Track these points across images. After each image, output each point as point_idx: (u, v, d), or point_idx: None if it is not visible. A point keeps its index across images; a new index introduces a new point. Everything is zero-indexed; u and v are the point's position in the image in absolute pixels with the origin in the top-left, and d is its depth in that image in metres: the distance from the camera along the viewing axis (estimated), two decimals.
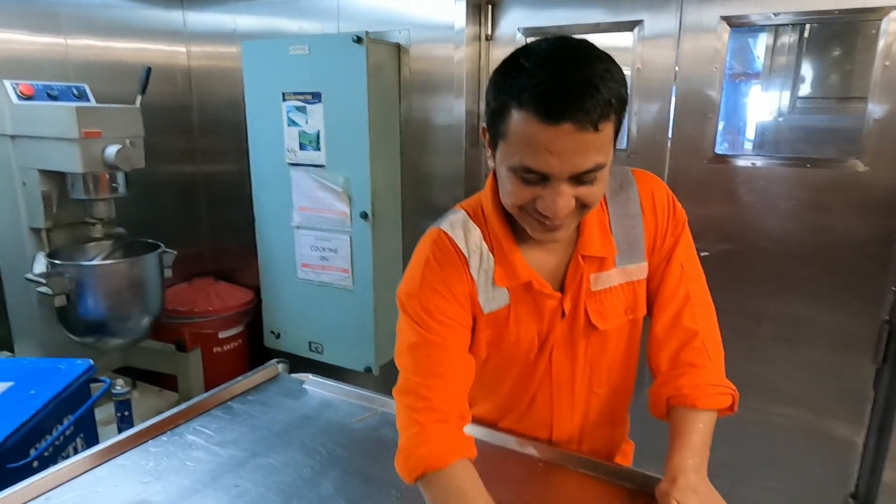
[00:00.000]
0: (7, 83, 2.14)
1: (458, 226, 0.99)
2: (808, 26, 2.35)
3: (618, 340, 1.05)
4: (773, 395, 2.20)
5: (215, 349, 2.91)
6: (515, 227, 0.96)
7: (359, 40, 2.30)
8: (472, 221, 0.99)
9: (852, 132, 1.97)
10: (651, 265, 1.02)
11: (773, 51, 2.59)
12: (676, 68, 2.13)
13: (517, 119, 0.79)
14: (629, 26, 2.18)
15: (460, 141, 2.48)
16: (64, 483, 0.99)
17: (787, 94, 2.56)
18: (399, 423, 0.94)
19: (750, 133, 2.57)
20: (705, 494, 0.89)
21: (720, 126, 2.14)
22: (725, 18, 2.03)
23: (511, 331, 1.00)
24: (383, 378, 2.69)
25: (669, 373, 1.01)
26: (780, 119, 2.57)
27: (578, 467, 1.03)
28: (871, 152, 1.92)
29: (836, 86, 2.53)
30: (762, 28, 2.10)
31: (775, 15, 1.97)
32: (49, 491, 0.97)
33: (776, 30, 2.42)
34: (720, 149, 2.15)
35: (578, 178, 0.82)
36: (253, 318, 3.11)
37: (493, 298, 0.98)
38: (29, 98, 2.15)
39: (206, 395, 1.27)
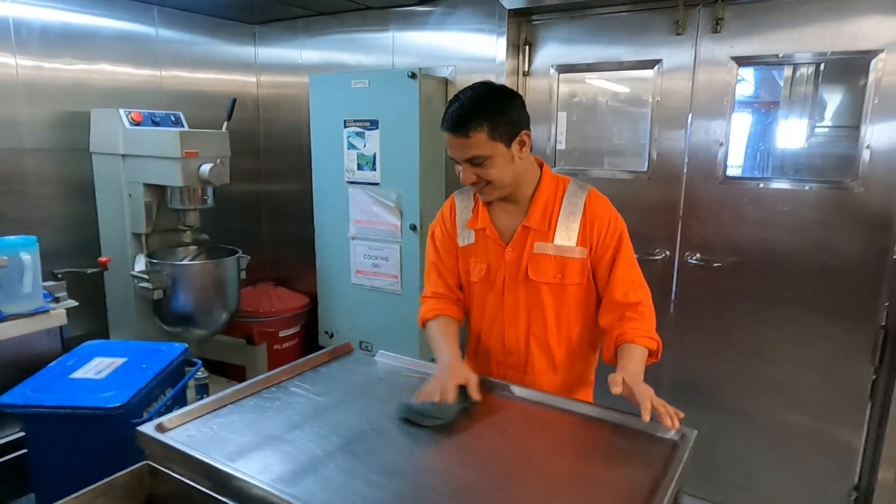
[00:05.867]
0: (121, 111, 2.55)
1: (463, 192, 1.62)
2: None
3: (550, 296, 1.50)
4: (781, 396, 2.42)
5: (276, 346, 3.26)
6: (497, 203, 1.54)
7: (413, 76, 2.65)
8: (472, 191, 1.55)
9: (852, 157, 2.22)
10: (595, 255, 1.48)
11: (791, 82, 2.84)
12: (692, 100, 2.43)
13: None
14: (650, 64, 2.49)
15: None
16: (205, 415, 1.32)
17: (803, 123, 2.80)
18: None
19: (766, 158, 2.79)
20: (642, 381, 1.30)
21: (732, 151, 2.41)
22: (734, 58, 2.32)
23: (471, 261, 1.57)
24: None
25: (617, 324, 1.46)
26: (795, 146, 2.80)
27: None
28: (865, 175, 2.17)
29: (842, 115, 2.76)
30: (769, 65, 2.37)
31: (778, 56, 2.26)
32: (197, 418, 1.30)
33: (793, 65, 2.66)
34: (730, 172, 2.42)
35: (471, 162, 1.40)
36: (308, 320, 3.46)
37: (466, 237, 1.57)
38: (138, 124, 2.56)
39: (300, 360, 1.60)
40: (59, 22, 2.68)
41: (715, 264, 2.46)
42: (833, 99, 2.56)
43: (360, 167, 2.91)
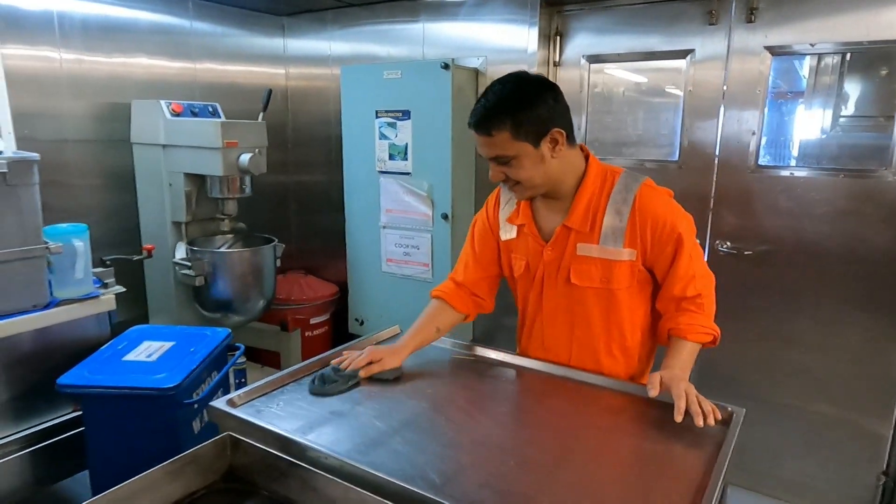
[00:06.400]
0: (162, 103, 2.61)
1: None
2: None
3: (595, 303, 1.44)
4: (809, 384, 2.45)
5: (307, 333, 3.33)
6: (540, 198, 1.48)
7: (446, 67, 2.69)
8: None
9: (885, 147, 2.24)
10: (650, 255, 1.39)
11: (816, 72, 2.84)
12: (724, 89, 2.45)
13: None
14: (682, 54, 2.51)
15: None
16: (269, 392, 1.38)
17: (829, 113, 2.80)
18: None
19: (795, 148, 2.79)
20: (682, 379, 1.28)
21: (763, 140, 2.43)
22: (768, 48, 2.34)
23: (513, 256, 1.53)
24: None
25: (673, 314, 1.41)
26: (823, 135, 2.80)
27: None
28: None
29: (875, 105, 2.76)
30: (802, 55, 2.39)
31: (812, 45, 2.28)
32: (263, 395, 1.36)
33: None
34: (762, 161, 2.44)
35: (497, 161, 1.35)
36: (337, 307, 3.53)
37: (507, 231, 1.53)
38: (178, 115, 2.62)
39: (353, 342, 1.66)
40: (99, 15, 2.73)
41: (745, 252, 2.49)
42: (863, 88, 2.57)
43: (391, 157, 2.96)
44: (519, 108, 1.29)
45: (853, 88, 2.75)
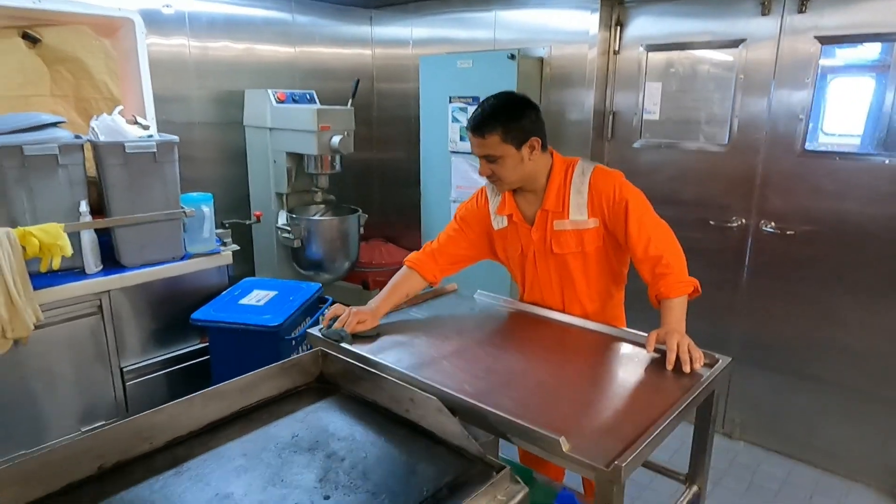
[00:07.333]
0: (269, 92, 3.09)
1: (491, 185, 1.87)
2: None
3: (575, 264, 1.80)
4: (847, 359, 2.59)
5: None
6: (519, 192, 1.82)
7: (513, 57, 2.97)
8: None
9: None
10: (608, 224, 1.73)
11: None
12: (774, 76, 2.58)
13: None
14: (735, 44, 2.66)
15: (587, 133, 3.09)
16: None
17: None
18: None
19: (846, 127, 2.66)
20: (676, 332, 1.53)
21: (812, 124, 2.54)
22: (818, 38, 2.45)
23: (508, 242, 1.88)
24: None
25: (652, 282, 1.69)
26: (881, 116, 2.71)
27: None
28: None
29: None
30: (853, 44, 2.46)
31: (863, 35, 2.37)
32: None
33: None
34: (809, 146, 2.56)
35: (487, 159, 1.70)
36: None
37: (499, 222, 1.87)
38: (282, 102, 3.09)
39: (417, 294, 2.04)
40: (221, 13, 3.23)
41: (788, 232, 2.63)
42: None
43: (462, 138, 3.29)
44: (509, 118, 1.65)
45: None
